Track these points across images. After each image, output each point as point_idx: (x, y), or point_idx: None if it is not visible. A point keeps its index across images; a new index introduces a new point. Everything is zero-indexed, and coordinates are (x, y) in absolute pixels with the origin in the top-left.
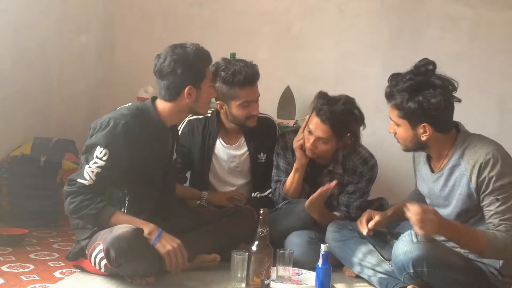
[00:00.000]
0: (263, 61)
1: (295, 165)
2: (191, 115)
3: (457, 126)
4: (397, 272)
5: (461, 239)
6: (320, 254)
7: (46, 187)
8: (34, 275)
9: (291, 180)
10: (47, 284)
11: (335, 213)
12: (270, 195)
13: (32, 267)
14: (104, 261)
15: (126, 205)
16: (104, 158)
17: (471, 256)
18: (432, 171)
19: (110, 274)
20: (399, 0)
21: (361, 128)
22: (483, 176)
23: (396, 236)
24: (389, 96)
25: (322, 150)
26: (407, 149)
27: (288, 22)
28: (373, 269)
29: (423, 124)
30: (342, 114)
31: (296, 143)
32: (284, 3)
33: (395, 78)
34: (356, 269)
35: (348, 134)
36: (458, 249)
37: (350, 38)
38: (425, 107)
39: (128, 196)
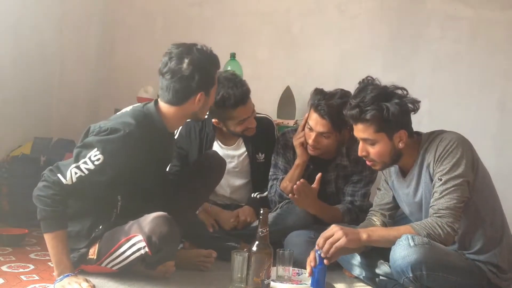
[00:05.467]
0: (263, 61)
1: (296, 161)
2: None
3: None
4: (396, 276)
5: (387, 243)
6: (316, 254)
7: None
8: (34, 275)
9: (290, 176)
10: (47, 284)
11: (336, 206)
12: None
13: (32, 267)
14: (142, 251)
15: (119, 208)
16: (97, 162)
17: (469, 256)
18: (404, 177)
19: (110, 273)
20: (399, 0)
21: None
22: (437, 156)
23: None
24: (359, 113)
25: (324, 145)
26: (384, 166)
27: (288, 22)
28: (372, 272)
29: (399, 131)
30: (340, 107)
31: (296, 140)
32: (284, 3)
33: (356, 96)
34: (356, 272)
35: (348, 128)
36: (454, 249)
37: (350, 38)
38: (401, 110)
39: (120, 203)
